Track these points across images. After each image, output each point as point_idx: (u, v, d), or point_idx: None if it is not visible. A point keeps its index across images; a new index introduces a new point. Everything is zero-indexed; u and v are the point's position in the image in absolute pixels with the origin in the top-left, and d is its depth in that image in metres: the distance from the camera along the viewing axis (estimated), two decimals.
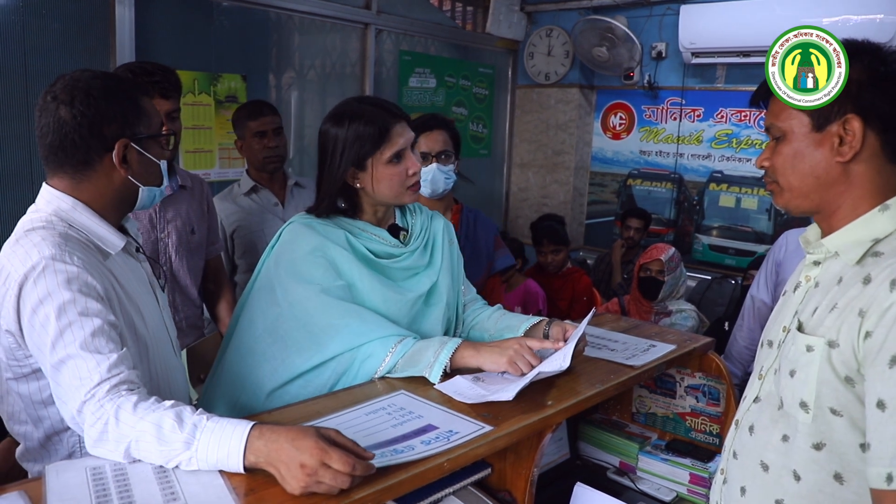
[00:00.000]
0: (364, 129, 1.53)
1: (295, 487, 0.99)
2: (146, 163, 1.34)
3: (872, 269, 1.03)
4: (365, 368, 1.48)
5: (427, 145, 2.18)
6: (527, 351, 1.45)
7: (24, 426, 1.31)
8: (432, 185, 2.19)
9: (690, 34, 4.15)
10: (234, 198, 2.69)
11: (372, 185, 1.57)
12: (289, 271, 1.55)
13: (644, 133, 4.72)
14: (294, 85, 3.79)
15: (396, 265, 1.64)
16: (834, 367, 1.02)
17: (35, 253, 1.17)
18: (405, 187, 1.58)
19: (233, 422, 1.06)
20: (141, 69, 2.00)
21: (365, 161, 1.54)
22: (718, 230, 4.49)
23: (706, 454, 1.76)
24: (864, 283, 1.02)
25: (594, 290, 3.75)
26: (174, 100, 2.07)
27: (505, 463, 1.39)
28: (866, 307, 0.99)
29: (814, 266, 1.16)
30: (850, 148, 1.06)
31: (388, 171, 1.55)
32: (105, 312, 1.19)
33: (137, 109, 1.31)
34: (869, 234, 1.07)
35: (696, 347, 1.76)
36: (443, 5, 4.77)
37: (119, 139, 1.28)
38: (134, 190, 1.34)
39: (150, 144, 1.34)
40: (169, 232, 2.18)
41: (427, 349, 1.47)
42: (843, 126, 1.06)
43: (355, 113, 1.55)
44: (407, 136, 1.58)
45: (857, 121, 1.05)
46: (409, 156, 1.58)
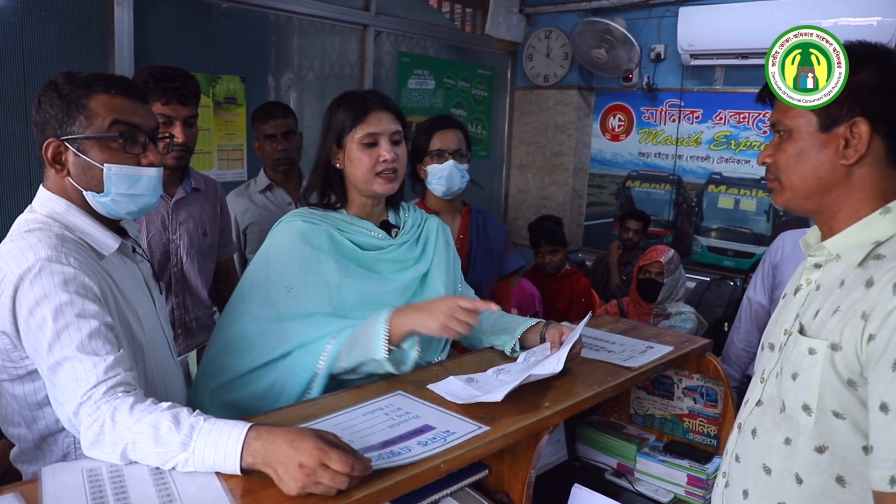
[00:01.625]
0: (347, 108, 1.62)
1: (292, 488, 0.99)
2: (83, 165, 1.27)
3: (875, 271, 1.03)
4: (300, 365, 1.48)
5: (442, 143, 2.18)
6: (459, 311, 1.39)
7: (18, 428, 1.31)
8: (448, 182, 2.18)
9: (689, 36, 4.15)
10: (250, 194, 2.76)
11: (347, 164, 1.62)
12: (263, 273, 1.58)
13: (643, 135, 4.72)
14: (293, 87, 3.79)
15: (384, 257, 1.65)
16: (837, 369, 1.02)
17: (31, 254, 1.17)
18: (374, 173, 1.60)
19: (230, 423, 1.06)
20: (163, 74, 2.02)
21: (343, 139, 1.61)
22: (717, 232, 4.49)
23: (704, 455, 1.76)
24: (866, 286, 1.02)
25: (592, 291, 3.74)
26: (192, 106, 2.09)
27: (502, 464, 1.39)
28: (869, 310, 0.99)
29: (815, 269, 1.16)
30: (856, 151, 1.06)
31: (361, 153, 1.60)
32: (102, 314, 1.19)
33: (77, 108, 1.25)
34: (870, 237, 1.07)
35: (694, 349, 1.77)
36: (442, 7, 4.77)
37: (49, 139, 1.26)
38: (83, 194, 1.29)
39: (89, 146, 1.27)
40: (181, 234, 2.20)
41: (363, 330, 1.46)
42: (850, 129, 1.06)
43: (346, 96, 1.66)
44: (386, 125, 1.62)
45: (865, 124, 1.05)
46: (385, 144, 1.61)
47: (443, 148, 2.17)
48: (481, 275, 2.27)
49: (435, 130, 2.18)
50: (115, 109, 1.27)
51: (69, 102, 1.26)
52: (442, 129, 2.19)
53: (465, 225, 2.30)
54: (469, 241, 2.28)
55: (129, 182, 1.29)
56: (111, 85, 1.29)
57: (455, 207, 2.31)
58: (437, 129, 2.18)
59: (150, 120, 1.34)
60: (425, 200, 2.30)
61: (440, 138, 2.17)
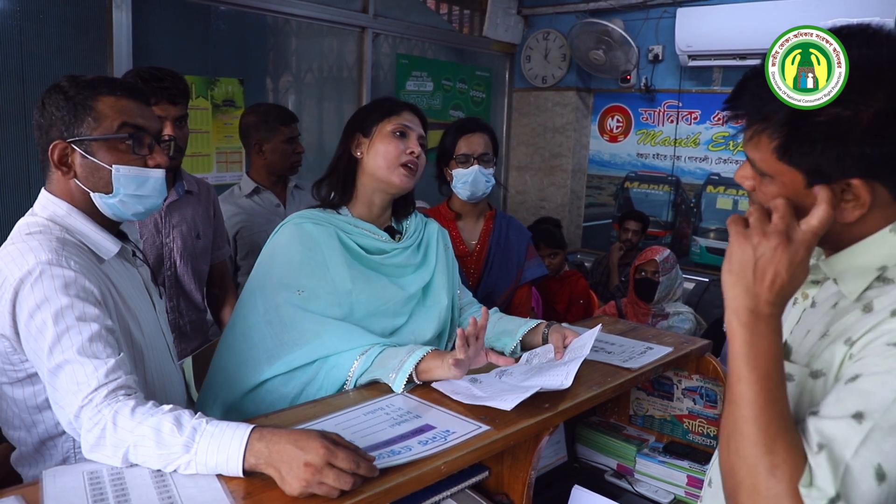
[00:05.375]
0: (380, 104, 1.71)
1: (295, 487, 0.99)
2: (91, 166, 1.28)
3: (877, 296, 0.87)
4: (330, 380, 1.48)
5: (468, 147, 2.18)
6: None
7: (18, 431, 1.31)
8: (472, 186, 2.18)
9: (687, 37, 4.16)
10: (236, 199, 2.72)
11: (370, 153, 1.65)
12: (271, 276, 1.58)
13: (641, 136, 4.73)
14: (291, 89, 3.80)
15: (388, 261, 1.66)
16: (813, 398, 0.89)
17: (32, 257, 1.17)
18: (399, 163, 1.63)
19: (232, 425, 1.06)
20: (150, 74, 2.02)
21: (371, 128, 1.66)
22: (716, 232, 4.50)
23: (703, 456, 1.76)
24: (863, 311, 0.87)
25: (591, 292, 3.74)
26: (182, 105, 2.08)
27: (502, 466, 1.39)
28: (857, 336, 0.85)
29: (811, 284, 1.02)
30: (855, 208, 0.87)
31: (389, 142, 1.64)
32: (102, 317, 1.19)
33: (85, 110, 1.26)
34: (876, 260, 0.90)
35: (693, 350, 1.77)
36: (439, 9, 4.77)
37: (55, 141, 1.26)
38: (88, 196, 1.29)
39: (97, 147, 1.27)
40: (174, 237, 2.19)
41: (393, 358, 1.46)
42: (845, 187, 0.86)
43: (378, 99, 1.76)
44: (416, 127, 1.68)
45: (863, 184, 0.85)
46: (414, 140, 1.67)
47: (468, 153, 2.17)
48: (496, 281, 2.25)
49: (462, 134, 2.18)
50: (123, 111, 1.28)
51: (76, 104, 1.26)
52: (469, 134, 2.19)
53: (488, 230, 2.29)
54: (489, 246, 2.26)
55: (137, 183, 1.31)
56: (117, 87, 1.30)
57: (480, 211, 2.30)
58: (464, 133, 2.18)
59: (154, 122, 1.35)
60: (450, 202, 2.31)
61: (466, 142, 2.17)
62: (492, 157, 2.21)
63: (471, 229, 2.29)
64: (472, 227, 2.29)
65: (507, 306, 2.24)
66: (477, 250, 2.26)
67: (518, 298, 2.32)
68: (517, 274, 2.30)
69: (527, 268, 2.33)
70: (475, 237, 2.28)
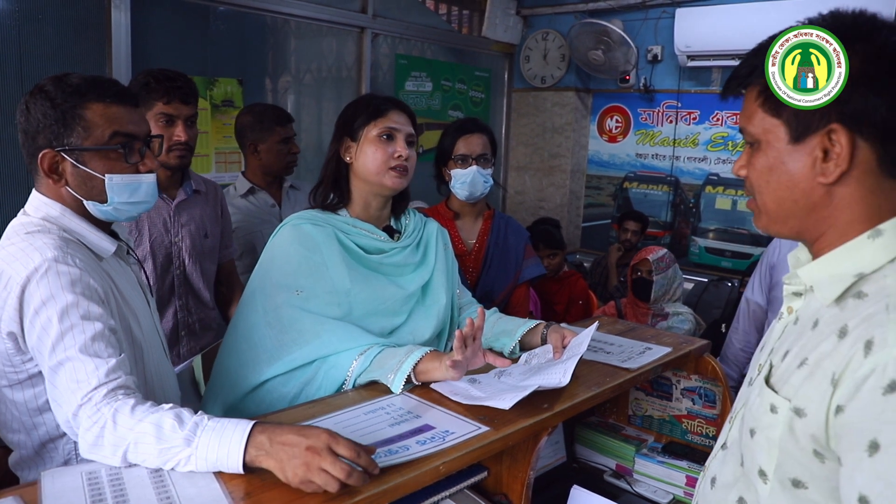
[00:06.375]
0: (365, 105, 1.67)
1: (297, 473, 0.99)
2: (83, 175, 1.27)
3: (851, 317, 0.84)
4: (329, 380, 1.49)
5: (467, 148, 2.18)
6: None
7: (17, 435, 1.31)
8: (471, 186, 2.18)
9: (686, 37, 4.16)
10: (231, 199, 2.72)
11: (359, 157, 1.64)
12: (271, 277, 1.58)
13: (640, 136, 4.73)
14: (290, 89, 3.80)
15: (387, 260, 1.66)
16: (798, 439, 0.86)
17: (37, 255, 1.18)
18: (388, 167, 1.62)
19: (234, 421, 1.07)
20: (163, 75, 2.07)
21: (358, 131, 1.64)
22: (715, 233, 4.50)
23: (702, 456, 1.75)
24: (839, 336, 0.83)
25: (590, 293, 3.74)
26: (193, 105, 2.13)
27: (501, 466, 1.39)
28: (839, 373, 0.81)
29: (795, 297, 0.98)
30: (836, 166, 0.87)
31: (376, 147, 1.63)
32: (105, 316, 1.19)
33: (74, 119, 1.24)
34: (852, 268, 0.88)
35: (692, 350, 1.77)
36: (439, 9, 4.77)
37: (44, 149, 1.25)
38: (81, 203, 1.29)
39: (89, 157, 1.26)
40: (183, 236, 2.21)
41: (392, 358, 1.46)
42: (827, 138, 0.87)
43: (364, 97, 1.73)
44: (404, 126, 1.66)
45: (844, 132, 0.86)
46: (402, 141, 1.65)
47: (467, 153, 2.17)
48: (494, 281, 2.26)
49: (460, 135, 2.18)
50: (114, 120, 1.27)
51: (64, 112, 1.24)
52: (467, 134, 2.19)
53: (486, 229, 2.29)
54: (487, 245, 2.27)
55: (130, 190, 1.31)
56: (105, 93, 1.27)
57: (478, 210, 2.31)
58: (463, 134, 2.18)
59: (143, 126, 1.34)
60: (449, 202, 2.31)
61: (465, 143, 2.18)
62: (490, 158, 2.22)
63: (469, 229, 2.29)
64: (471, 227, 2.30)
65: (505, 306, 2.24)
66: (475, 250, 2.27)
67: (516, 298, 2.32)
68: (515, 273, 2.30)
69: (525, 267, 2.33)
70: (473, 237, 2.29)
